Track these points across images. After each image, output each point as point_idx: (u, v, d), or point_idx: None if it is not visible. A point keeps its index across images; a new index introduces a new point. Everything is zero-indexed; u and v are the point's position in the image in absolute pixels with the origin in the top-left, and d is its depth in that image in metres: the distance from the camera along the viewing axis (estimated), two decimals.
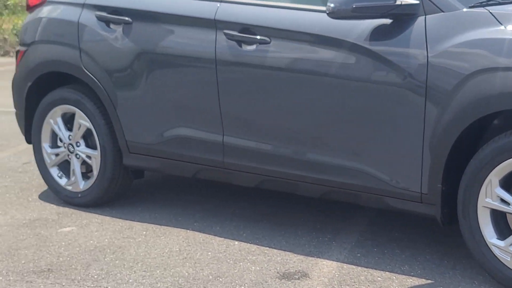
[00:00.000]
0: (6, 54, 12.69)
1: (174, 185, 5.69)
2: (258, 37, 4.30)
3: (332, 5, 3.87)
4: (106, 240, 4.63)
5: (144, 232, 4.73)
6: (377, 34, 3.95)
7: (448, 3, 3.84)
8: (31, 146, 5.49)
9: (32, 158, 5.82)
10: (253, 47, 4.32)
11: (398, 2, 3.85)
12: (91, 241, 4.62)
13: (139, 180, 5.35)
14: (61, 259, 4.35)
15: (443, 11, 3.83)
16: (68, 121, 5.23)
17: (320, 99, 4.15)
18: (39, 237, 4.71)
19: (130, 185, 5.29)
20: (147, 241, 4.59)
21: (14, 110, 5.50)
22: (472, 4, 3.85)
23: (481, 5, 3.85)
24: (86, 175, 5.25)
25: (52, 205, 5.30)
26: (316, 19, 4.14)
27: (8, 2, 13.57)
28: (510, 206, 3.66)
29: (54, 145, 5.31)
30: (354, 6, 3.83)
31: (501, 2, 3.92)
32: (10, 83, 5.48)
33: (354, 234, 4.59)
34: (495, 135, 3.72)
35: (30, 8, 5.43)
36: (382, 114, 3.95)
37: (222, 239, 4.58)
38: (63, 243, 4.60)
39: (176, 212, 5.08)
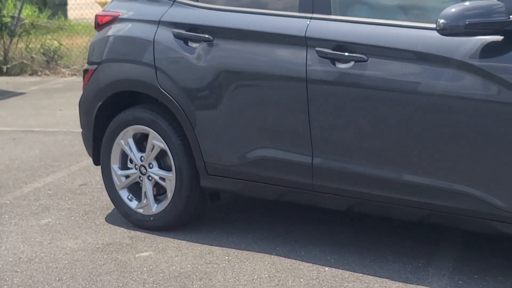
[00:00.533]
0: (34, 73, 12.55)
1: (246, 207, 5.50)
2: (354, 54, 4.14)
3: (443, 21, 3.72)
4: (189, 265, 4.46)
5: (227, 257, 4.57)
6: (488, 51, 3.80)
7: None
8: (83, 166, 5.37)
9: (88, 179, 5.66)
10: (349, 65, 4.16)
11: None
12: (173, 267, 4.46)
13: (211, 203, 5.17)
14: (147, 286, 4.18)
15: None
16: (139, 141, 5.05)
17: (422, 119, 3.98)
18: (117, 262, 4.54)
19: (205, 208, 5.12)
20: (232, 266, 4.42)
21: (53, 129, 5.32)
22: None
23: None
24: (156, 197, 5.07)
25: (122, 228, 5.13)
26: (419, 36, 3.99)
27: (25, 21, 13.44)
28: None
29: (124, 166, 5.14)
30: (467, 23, 3.68)
31: None
32: (43, 102, 5.33)
33: (448, 259, 4.42)
34: None
35: (99, 26, 5.28)
36: (494, 135, 3.79)
37: (310, 264, 4.42)
38: (145, 268, 4.44)
39: (254, 235, 4.91)
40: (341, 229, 4.95)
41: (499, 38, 3.78)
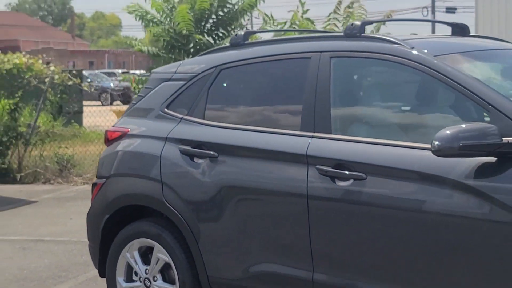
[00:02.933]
0: (47, 181, 12.76)
1: None
2: (354, 173, 4.29)
3: (437, 143, 3.87)
4: None
5: None
6: (482, 172, 3.93)
7: None
8: (91, 277, 5.44)
9: None
10: (348, 182, 4.31)
11: (505, 140, 3.85)
12: None
13: None
14: None
15: None
16: (144, 254, 5.17)
17: (419, 237, 4.10)
18: None
19: None
20: None
21: (63, 238, 5.44)
22: None
23: None
24: None
25: None
26: (416, 156, 4.14)
27: (39, 129, 13.72)
28: None
29: (129, 279, 5.26)
30: (461, 145, 3.83)
31: None
32: (54, 211, 5.46)
33: None
34: None
35: (109, 141, 5.48)
36: (489, 254, 3.89)
37: None
38: None
39: None
40: None
41: (492, 159, 3.92)
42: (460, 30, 5.34)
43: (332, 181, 4.37)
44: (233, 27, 12.36)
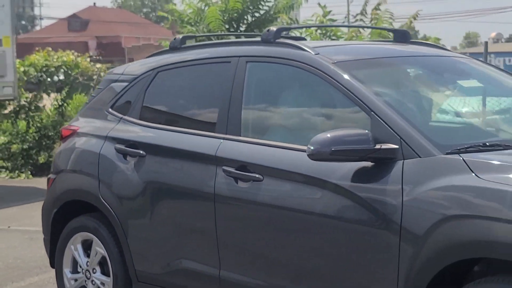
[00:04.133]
0: None
1: None
2: (253, 174, 4.47)
3: (311, 147, 4.02)
4: None
5: None
6: (358, 176, 4.08)
7: (425, 149, 3.94)
8: None
9: None
10: (248, 184, 4.50)
11: (377, 146, 3.97)
12: None
13: None
14: None
15: (420, 157, 3.92)
16: (86, 247, 5.47)
17: (305, 236, 4.27)
18: None
19: None
20: None
21: None
22: (450, 150, 3.92)
23: (459, 151, 3.93)
24: None
25: None
26: (304, 159, 4.28)
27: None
28: None
29: (74, 270, 5.58)
30: (332, 149, 3.96)
31: (482, 148, 3.99)
32: None
33: None
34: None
35: (62, 138, 5.81)
36: (359, 254, 4.03)
37: None
38: None
39: None
40: None
41: (369, 164, 4.05)
42: (401, 36, 5.45)
43: (235, 182, 4.57)
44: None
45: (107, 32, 71.64)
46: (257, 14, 12.64)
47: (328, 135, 4.02)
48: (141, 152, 5.14)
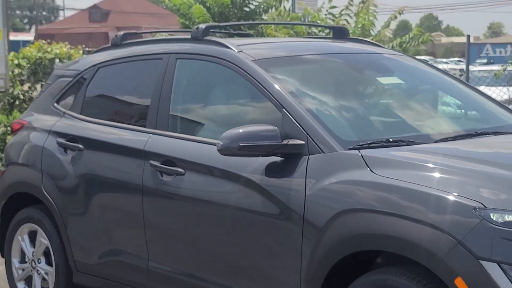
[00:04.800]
0: None
1: None
2: (176, 168, 4.64)
3: (221, 142, 4.17)
4: None
5: None
6: (267, 170, 4.23)
7: (329, 145, 4.09)
8: None
9: None
10: (172, 178, 4.66)
11: (284, 142, 4.12)
12: None
13: None
14: None
15: (324, 152, 4.07)
16: (34, 238, 5.66)
17: (221, 228, 4.45)
18: None
19: None
20: None
21: None
22: (352, 146, 4.06)
23: (361, 147, 4.07)
24: None
25: None
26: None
27: None
28: None
29: (22, 260, 5.77)
30: (240, 145, 4.12)
31: (384, 144, 4.13)
32: None
33: None
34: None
35: (13, 131, 6.01)
36: (267, 244, 4.20)
37: None
38: None
39: None
40: None
41: (278, 158, 4.20)
42: (339, 33, 5.59)
43: (160, 176, 4.74)
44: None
45: (127, 22, 71.82)
46: (246, 9, 12.77)
47: (237, 131, 4.17)
48: (80, 146, 5.32)
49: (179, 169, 4.64)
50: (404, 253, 3.67)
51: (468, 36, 11.68)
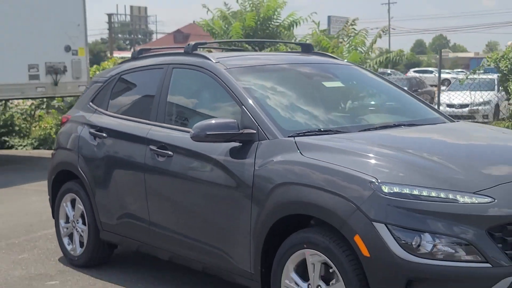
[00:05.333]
0: None
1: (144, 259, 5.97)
2: (167, 152, 4.74)
3: (193, 131, 4.26)
4: None
5: None
6: (230, 152, 4.30)
7: (273, 133, 4.14)
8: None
9: None
10: (164, 158, 4.76)
11: (240, 131, 4.19)
12: None
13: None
14: None
15: (269, 139, 4.13)
16: (73, 204, 5.82)
17: (197, 196, 4.52)
18: (30, 286, 5.27)
19: (110, 254, 5.76)
20: None
21: None
22: (291, 135, 4.11)
23: (297, 135, 4.11)
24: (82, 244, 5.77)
25: (60, 264, 5.89)
26: None
27: None
28: (299, 287, 3.83)
29: (66, 221, 5.92)
30: (207, 133, 4.20)
31: (317, 133, 4.17)
32: None
33: None
34: None
35: (62, 123, 6.16)
36: (229, 210, 4.27)
37: None
38: None
39: (141, 278, 5.47)
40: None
41: (238, 144, 4.27)
42: (305, 48, 5.63)
43: (156, 157, 4.84)
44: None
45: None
46: (267, 31, 12.83)
47: (205, 123, 4.25)
48: (104, 134, 5.46)
49: (169, 152, 4.74)
50: (321, 217, 3.71)
51: (440, 51, 11.52)
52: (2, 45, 11.43)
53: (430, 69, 49.63)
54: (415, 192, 3.45)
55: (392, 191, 3.46)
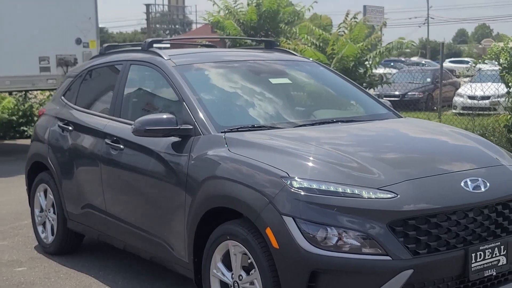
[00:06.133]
0: None
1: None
2: (118, 145, 4.93)
3: (133, 126, 4.44)
4: (37, 278, 5.35)
5: (69, 275, 5.40)
6: (170, 147, 4.47)
7: (207, 129, 4.30)
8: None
9: None
10: (116, 152, 4.96)
11: (178, 127, 4.35)
12: (26, 277, 5.37)
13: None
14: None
15: (203, 134, 4.28)
16: (45, 194, 6.07)
17: (141, 187, 4.71)
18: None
19: (79, 243, 5.99)
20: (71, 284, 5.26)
21: None
22: (223, 130, 4.26)
23: (230, 131, 4.26)
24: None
25: (34, 251, 6.13)
26: None
27: None
28: (225, 276, 3.99)
29: (41, 210, 6.17)
30: (146, 128, 4.37)
31: (250, 129, 4.30)
32: None
33: None
34: None
35: (38, 116, 6.40)
36: (167, 201, 4.44)
37: None
38: (7, 276, 5.38)
39: (105, 266, 5.69)
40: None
41: (177, 138, 4.43)
42: (268, 44, 5.76)
43: (110, 150, 5.04)
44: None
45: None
46: (268, 26, 12.95)
47: (145, 118, 4.43)
48: (70, 128, 5.68)
49: (121, 146, 4.93)
50: (239, 210, 3.85)
51: (442, 44, 11.47)
52: (13, 37, 11.78)
53: (466, 59, 48.83)
54: (323, 187, 3.57)
55: (301, 186, 3.58)
